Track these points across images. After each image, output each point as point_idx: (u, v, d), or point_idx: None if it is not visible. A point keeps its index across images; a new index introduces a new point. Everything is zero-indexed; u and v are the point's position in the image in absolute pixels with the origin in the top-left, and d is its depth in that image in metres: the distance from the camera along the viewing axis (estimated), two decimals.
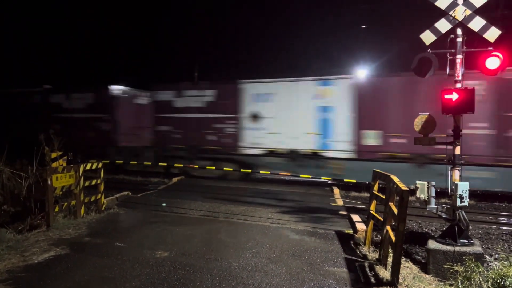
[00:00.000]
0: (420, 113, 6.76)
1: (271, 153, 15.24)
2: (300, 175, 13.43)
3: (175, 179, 15.48)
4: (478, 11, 6.25)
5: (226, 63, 27.58)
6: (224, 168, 14.62)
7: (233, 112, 15.93)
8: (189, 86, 17.05)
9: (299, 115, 14.79)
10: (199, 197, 11.53)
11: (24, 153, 9.93)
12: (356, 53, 22.93)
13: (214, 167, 14.88)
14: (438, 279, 5.67)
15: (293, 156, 14.79)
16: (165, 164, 15.73)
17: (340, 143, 14.14)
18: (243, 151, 15.75)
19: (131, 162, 15.27)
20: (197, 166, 15.20)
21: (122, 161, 15.46)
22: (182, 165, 15.18)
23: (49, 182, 7.61)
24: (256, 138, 15.52)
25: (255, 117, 15.54)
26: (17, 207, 8.61)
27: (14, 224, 7.74)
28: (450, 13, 6.32)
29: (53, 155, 8.68)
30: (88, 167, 8.83)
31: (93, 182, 9.06)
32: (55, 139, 9.09)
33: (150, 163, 15.72)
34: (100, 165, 9.22)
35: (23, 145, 11.06)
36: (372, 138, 13.55)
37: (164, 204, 10.02)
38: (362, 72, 14.93)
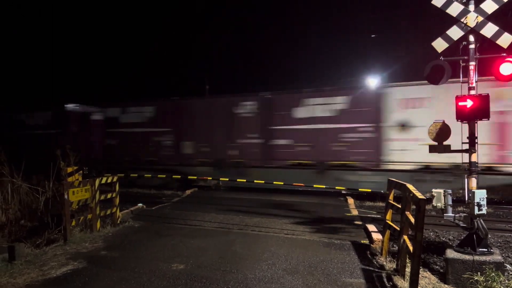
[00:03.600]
0: (434, 121, 6.72)
1: (426, 168, 12.96)
2: (314, 185, 13.31)
3: (188, 191, 15.55)
4: (490, 18, 6.23)
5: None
6: (360, 189, 12.82)
7: (372, 121, 13.89)
8: (317, 95, 14.95)
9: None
10: (213, 209, 11.55)
11: (39, 168, 10.10)
12: None
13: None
14: None
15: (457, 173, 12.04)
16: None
17: None
18: (386, 166, 13.60)
19: (145, 175, 15.35)
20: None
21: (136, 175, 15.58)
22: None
23: (66, 196, 7.70)
24: (403, 152, 13.28)
25: (403, 126, 13.37)
26: (35, 222, 8.75)
27: (32, 239, 7.85)
28: (462, 20, 6.31)
29: (69, 169, 8.81)
30: (103, 181, 8.93)
31: (108, 195, 9.15)
32: (71, 154, 9.25)
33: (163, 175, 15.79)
34: (115, 179, 9.32)
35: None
36: None
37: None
38: None
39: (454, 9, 6.40)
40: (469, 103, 6.09)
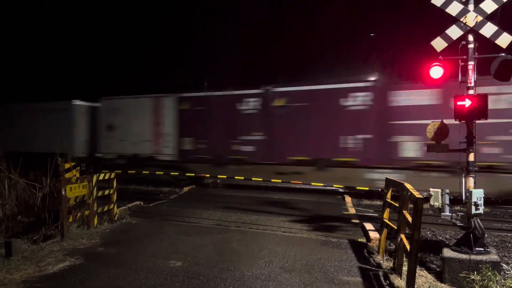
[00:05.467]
0: (432, 121, 6.73)
1: None
2: (312, 183, 13.31)
3: (186, 189, 15.54)
4: (489, 17, 6.24)
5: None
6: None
7: None
8: None
9: None
10: (211, 206, 11.55)
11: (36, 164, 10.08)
12: None
13: None
14: None
15: None
16: None
17: None
18: None
19: (143, 172, 15.34)
20: None
21: (134, 171, 15.56)
22: None
23: (63, 192, 7.69)
24: None
25: None
26: (32, 218, 8.74)
27: (28, 235, 7.84)
28: (461, 19, 6.31)
29: (67, 165, 8.80)
30: (101, 178, 8.91)
31: (106, 192, 9.13)
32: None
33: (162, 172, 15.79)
34: (112, 175, 9.30)
35: None
36: None
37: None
38: None
39: (454, 9, 6.40)
40: (467, 102, 6.09)
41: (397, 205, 6.13)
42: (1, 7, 30.00)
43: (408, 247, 5.22)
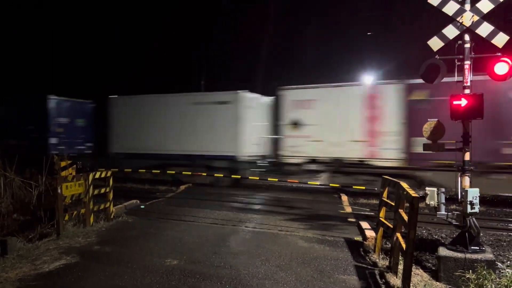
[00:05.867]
0: (428, 120, 6.74)
1: None
2: (308, 182, 13.32)
3: (182, 187, 15.52)
4: (486, 17, 6.26)
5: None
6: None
7: None
8: None
9: None
10: (207, 204, 11.54)
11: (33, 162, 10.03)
12: None
13: None
14: (450, 286, 5.62)
15: None
16: None
17: None
18: None
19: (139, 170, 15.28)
20: None
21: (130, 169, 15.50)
22: None
23: (59, 190, 7.66)
24: None
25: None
26: (27, 216, 8.70)
27: (24, 233, 7.80)
28: (458, 19, 6.33)
29: (63, 163, 8.77)
30: (97, 176, 8.88)
31: (102, 190, 9.11)
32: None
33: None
34: (109, 174, 9.28)
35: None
36: None
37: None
38: None
39: (450, 8, 6.42)
40: (463, 102, 6.11)
41: (393, 204, 6.15)
42: (1, 7, 29.81)
43: (404, 246, 5.25)
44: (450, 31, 6.41)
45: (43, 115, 17.66)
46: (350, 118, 14.20)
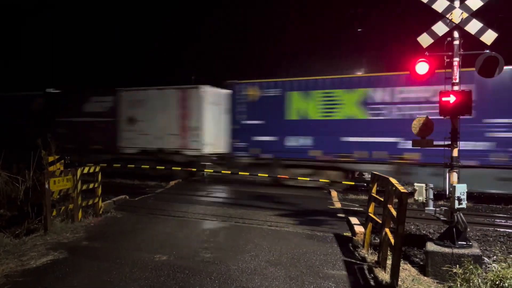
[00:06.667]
0: (417, 116, 6.78)
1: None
2: (299, 178, 13.36)
3: (172, 183, 15.44)
4: (475, 14, 6.30)
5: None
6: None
7: None
8: None
9: None
10: (197, 200, 11.51)
11: (21, 157, 9.88)
12: None
13: None
14: (437, 281, 5.68)
15: None
16: None
17: None
18: None
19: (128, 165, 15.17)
20: None
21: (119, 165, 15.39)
22: None
23: (46, 186, 7.57)
24: None
25: None
26: (14, 211, 8.57)
27: (11, 229, 7.70)
28: (447, 16, 6.36)
29: (50, 158, 8.65)
30: (85, 171, 8.79)
31: (91, 185, 9.03)
32: (52, 143, 9.07)
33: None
34: (97, 169, 9.19)
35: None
36: None
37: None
38: None
39: (440, 5, 6.45)
40: (452, 98, 6.15)
41: (382, 199, 6.19)
42: (1, 7, 29.39)
43: (392, 241, 5.28)
44: (440, 28, 6.45)
45: None
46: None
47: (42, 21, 31.24)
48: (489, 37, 6.14)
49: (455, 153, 6.35)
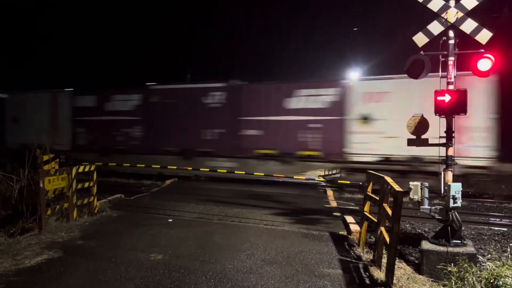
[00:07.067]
0: (413, 115, 6.79)
1: None
2: (294, 177, 13.39)
3: (168, 182, 15.42)
4: (470, 13, 6.31)
5: None
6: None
7: None
8: None
9: None
10: (193, 199, 11.49)
11: (15, 156, 9.82)
12: None
13: None
14: (432, 279, 5.69)
15: None
16: None
17: None
18: None
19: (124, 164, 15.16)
20: None
21: (115, 164, 15.37)
22: None
23: (41, 185, 7.53)
24: None
25: None
26: (8, 211, 8.51)
27: (5, 228, 7.64)
28: (443, 15, 6.37)
29: (45, 157, 8.61)
30: (80, 170, 8.76)
31: (86, 184, 8.99)
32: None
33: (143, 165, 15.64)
34: (92, 168, 9.16)
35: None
36: None
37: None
38: None
39: (435, 4, 6.45)
40: (447, 97, 6.17)
41: (378, 198, 6.20)
42: (1, 7, 29.29)
43: (387, 239, 5.29)
44: (435, 27, 6.46)
45: None
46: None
47: (41, 21, 31.13)
48: (484, 36, 6.16)
49: (450, 152, 6.36)
